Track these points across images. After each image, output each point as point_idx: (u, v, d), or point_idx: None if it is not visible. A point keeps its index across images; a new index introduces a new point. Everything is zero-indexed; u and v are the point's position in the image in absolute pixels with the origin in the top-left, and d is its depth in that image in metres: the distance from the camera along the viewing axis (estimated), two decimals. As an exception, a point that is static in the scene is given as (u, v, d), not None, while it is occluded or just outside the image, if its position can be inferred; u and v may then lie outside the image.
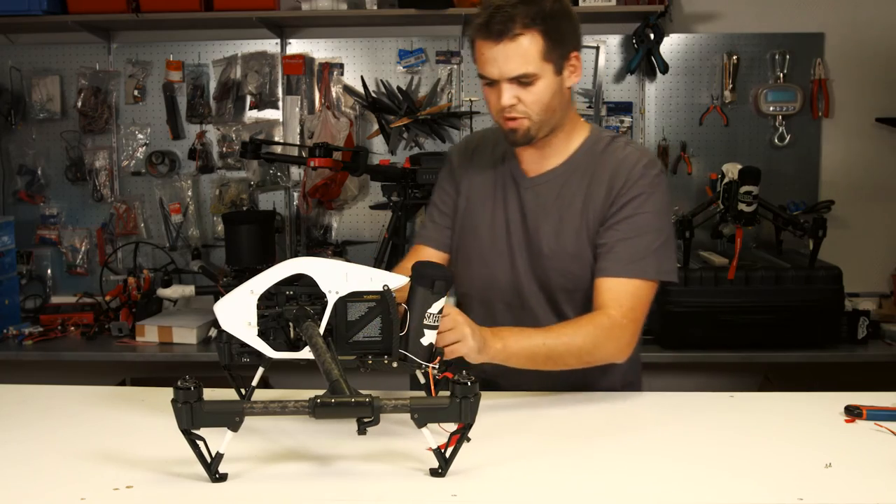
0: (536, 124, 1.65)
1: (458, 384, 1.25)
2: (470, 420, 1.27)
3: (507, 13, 1.57)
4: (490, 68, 1.60)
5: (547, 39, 1.59)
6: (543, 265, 1.73)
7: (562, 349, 1.60)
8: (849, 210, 3.49)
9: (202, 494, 1.26)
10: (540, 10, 1.58)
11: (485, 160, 1.83)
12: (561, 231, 1.72)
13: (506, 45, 1.58)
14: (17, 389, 1.77)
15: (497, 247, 1.78)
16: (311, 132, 3.51)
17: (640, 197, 1.67)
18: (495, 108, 1.65)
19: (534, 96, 1.62)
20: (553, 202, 1.73)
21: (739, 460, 1.37)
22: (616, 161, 1.70)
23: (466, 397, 1.25)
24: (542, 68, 1.60)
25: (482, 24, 1.59)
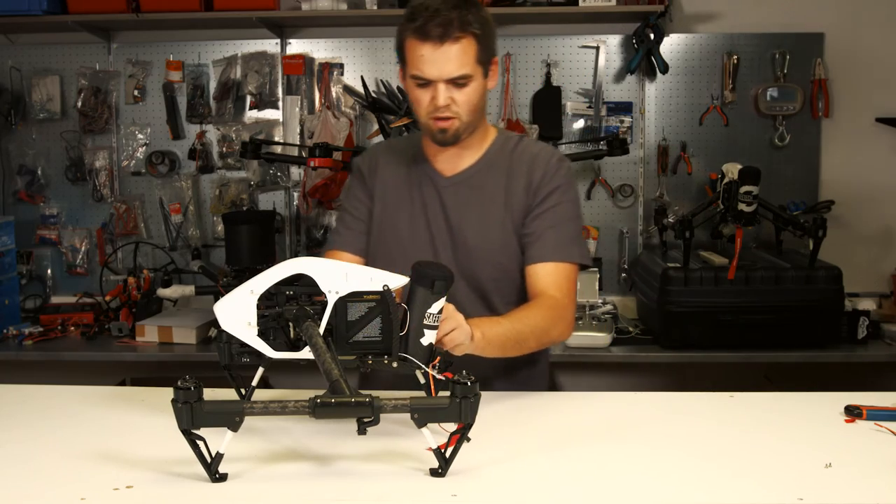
0: (465, 124, 1.73)
1: (458, 384, 1.26)
2: (470, 420, 1.27)
3: (445, 17, 1.65)
4: (429, 69, 1.67)
5: (479, 44, 1.69)
6: (470, 259, 1.80)
7: (526, 332, 1.68)
8: (849, 210, 3.49)
9: (202, 494, 1.26)
10: (473, 16, 1.68)
11: (395, 166, 1.88)
12: (485, 224, 1.80)
13: (447, 48, 1.66)
14: (17, 389, 1.77)
15: (419, 245, 1.82)
16: (311, 132, 3.51)
17: (559, 188, 1.80)
18: (426, 108, 1.71)
19: (465, 97, 1.70)
20: (474, 198, 1.81)
21: (739, 460, 1.37)
22: (531, 156, 1.83)
23: (466, 397, 1.26)
24: (475, 70, 1.70)
25: (420, 27, 1.66)
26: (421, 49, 1.67)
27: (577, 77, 3.51)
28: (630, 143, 3.44)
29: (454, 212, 1.81)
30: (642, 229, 3.57)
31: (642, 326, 3.24)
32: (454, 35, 1.65)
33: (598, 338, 3.02)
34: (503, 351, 1.66)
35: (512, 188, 1.81)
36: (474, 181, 1.83)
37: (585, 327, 3.05)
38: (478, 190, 1.82)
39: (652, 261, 3.24)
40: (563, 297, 1.75)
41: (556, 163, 1.82)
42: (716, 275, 2.98)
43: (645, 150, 3.53)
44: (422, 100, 1.72)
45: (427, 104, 1.71)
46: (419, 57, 1.67)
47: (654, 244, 3.53)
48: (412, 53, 1.69)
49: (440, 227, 1.82)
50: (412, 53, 1.69)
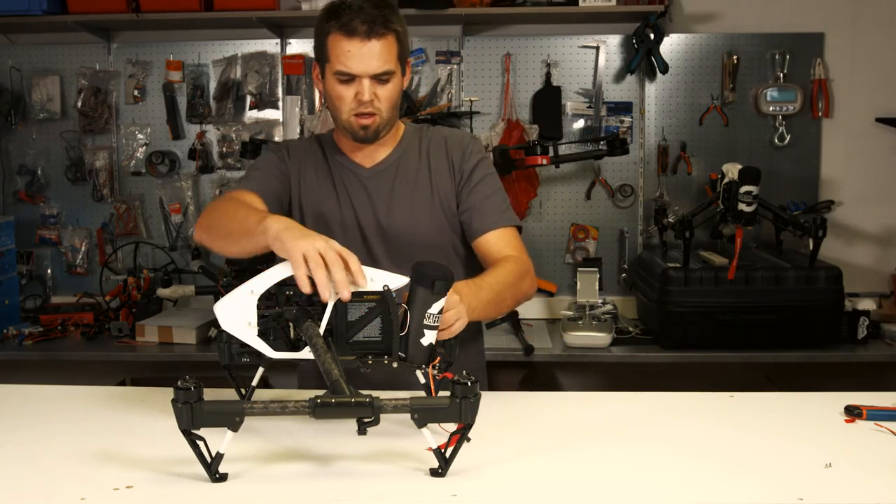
0: (385, 121, 1.79)
1: (458, 384, 1.26)
2: (470, 420, 1.27)
3: (369, 14, 1.71)
4: (355, 64, 1.72)
5: (399, 43, 1.76)
6: (402, 243, 1.84)
7: (503, 290, 1.71)
8: (849, 210, 3.49)
9: (202, 494, 1.26)
10: (389, 12, 1.75)
11: (313, 158, 1.91)
12: (413, 208, 1.85)
13: (373, 44, 1.71)
14: (17, 389, 1.77)
15: (350, 234, 1.84)
16: (311, 132, 3.51)
17: (481, 162, 1.88)
18: (349, 104, 1.75)
19: (387, 93, 1.76)
20: (399, 184, 1.87)
21: (739, 460, 1.37)
22: (443, 138, 1.91)
23: (466, 397, 1.26)
24: (396, 67, 1.76)
25: (345, 24, 1.71)
26: (347, 45, 1.71)
27: (577, 77, 3.51)
28: (630, 143, 3.44)
29: (380, 199, 1.86)
30: (642, 229, 3.57)
31: (642, 326, 3.24)
32: (379, 31, 1.71)
33: (598, 338, 3.02)
34: (485, 314, 1.70)
35: (435, 171, 1.87)
36: (394, 168, 1.88)
37: (585, 327, 3.05)
38: (401, 177, 1.87)
39: (652, 261, 3.24)
40: (522, 255, 1.82)
41: (469, 140, 1.91)
42: (716, 275, 2.98)
43: (645, 150, 3.53)
44: (345, 96, 1.75)
45: (350, 100, 1.75)
46: (345, 52, 1.71)
47: (654, 244, 3.53)
48: (337, 49, 1.72)
49: (367, 214, 1.85)
50: (337, 49, 1.72)
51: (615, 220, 3.57)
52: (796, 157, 3.50)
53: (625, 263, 3.55)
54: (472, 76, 3.51)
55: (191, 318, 3.23)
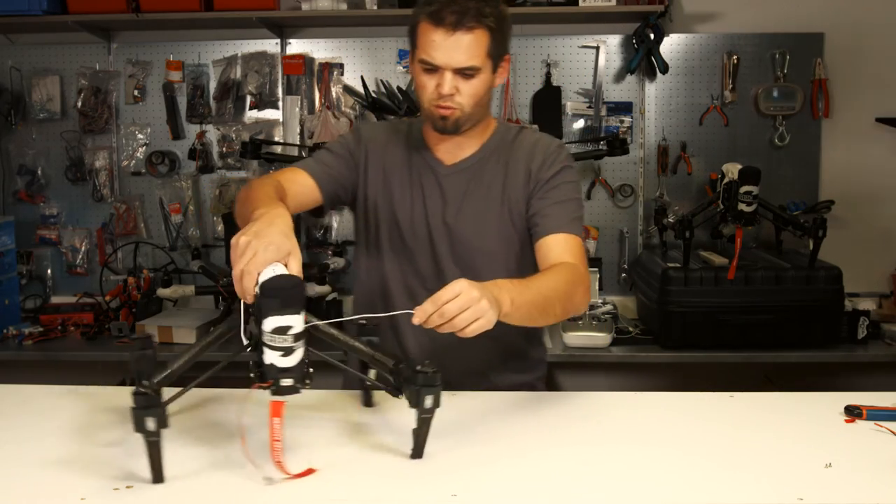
0: (466, 115, 1.72)
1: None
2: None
3: (462, 5, 1.64)
4: (438, 55, 1.65)
5: (492, 38, 1.68)
6: (467, 249, 1.80)
7: (552, 295, 1.61)
8: (849, 210, 3.49)
9: (202, 494, 1.26)
10: (491, 9, 1.67)
11: (396, 147, 1.87)
12: (484, 213, 1.80)
13: (459, 36, 1.64)
14: (17, 389, 1.77)
15: (418, 235, 1.82)
16: (311, 132, 3.51)
17: (561, 171, 1.79)
18: (430, 94, 1.70)
19: (471, 89, 1.69)
20: (473, 187, 1.81)
21: (739, 460, 1.37)
22: (530, 144, 1.83)
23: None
24: (484, 64, 1.68)
25: (435, 12, 1.64)
26: (433, 34, 1.65)
27: (577, 77, 3.51)
28: (630, 143, 3.44)
29: (452, 201, 1.81)
30: (642, 229, 3.57)
31: (642, 326, 3.24)
32: (468, 24, 1.64)
33: (598, 338, 3.02)
34: (530, 318, 1.57)
35: (511, 178, 1.81)
36: (474, 170, 1.83)
37: (585, 327, 3.05)
38: (477, 179, 1.82)
39: (652, 261, 3.24)
40: (580, 265, 1.72)
41: (555, 148, 1.83)
42: (716, 275, 2.98)
43: (645, 150, 3.53)
44: (427, 85, 1.70)
45: (431, 90, 1.70)
46: (430, 42, 1.66)
47: (654, 244, 3.53)
48: (423, 37, 1.67)
49: (437, 214, 1.81)
50: (423, 37, 1.67)
51: (615, 220, 3.57)
52: (796, 157, 3.50)
53: (625, 263, 3.55)
54: (472, 76, 3.51)
55: (191, 318, 3.23)
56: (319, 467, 1.34)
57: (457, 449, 1.42)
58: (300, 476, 1.30)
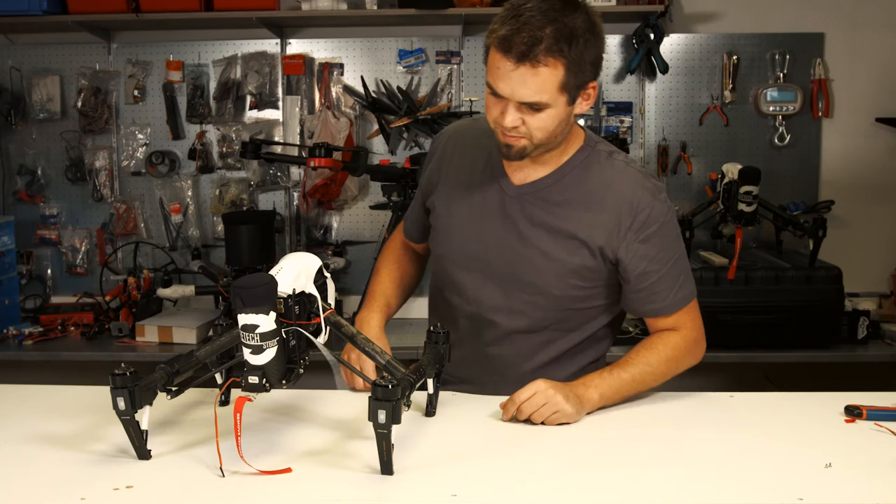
0: (535, 146, 1.57)
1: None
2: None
3: (533, 34, 1.44)
4: (502, 86, 1.49)
5: (568, 71, 1.48)
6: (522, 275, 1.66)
7: (648, 379, 1.64)
8: (849, 210, 3.49)
9: (202, 494, 1.26)
10: (569, 32, 1.46)
11: (472, 153, 1.73)
12: (552, 243, 1.64)
13: (525, 70, 1.46)
14: (17, 389, 1.77)
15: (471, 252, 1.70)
16: (311, 132, 3.51)
17: (661, 230, 1.62)
18: (494, 118, 1.55)
19: (539, 123, 1.52)
20: (541, 213, 1.64)
21: (739, 460, 1.37)
22: (621, 187, 1.62)
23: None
24: (556, 99, 1.50)
25: (505, 38, 1.46)
26: (498, 62, 1.48)
27: (577, 77, 3.51)
28: (630, 143, 3.44)
29: (512, 227, 1.66)
30: (642, 229, 3.56)
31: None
32: (537, 58, 1.45)
33: (598, 338, 3.01)
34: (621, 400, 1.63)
35: (593, 220, 1.62)
36: (546, 197, 1.65)
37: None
38: (547, 209, 1.64)
39: (652, 261, 3.23)
40: (690, 332, 1.70)
41: (650, 197, 1.61)
42: (716, 275, 2.98)
43: (645, 150, 3.53)
44: (492, 109, 1.55)
45: (496, 115, 1.54)
46: (495, 69, 1.49)
47: (654, 244, 3.52)
48: (491, 61, 1.50)
49: (495, 239, 1.67)
50: (491, 61, 1.50)
51: (615, 220, 3.56)
52: (796, 157, 3.51)
53: (625, 263, 3.54)
54: (472, 76, 3.51)
55: (191, 318, 3.23)
56: (319, 467, 1.34)
57: (457, 449, 1.42)
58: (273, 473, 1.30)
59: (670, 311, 1.68)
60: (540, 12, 1.46)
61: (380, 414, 1.25)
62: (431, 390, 1.54)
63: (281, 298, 1.33)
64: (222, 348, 1.46)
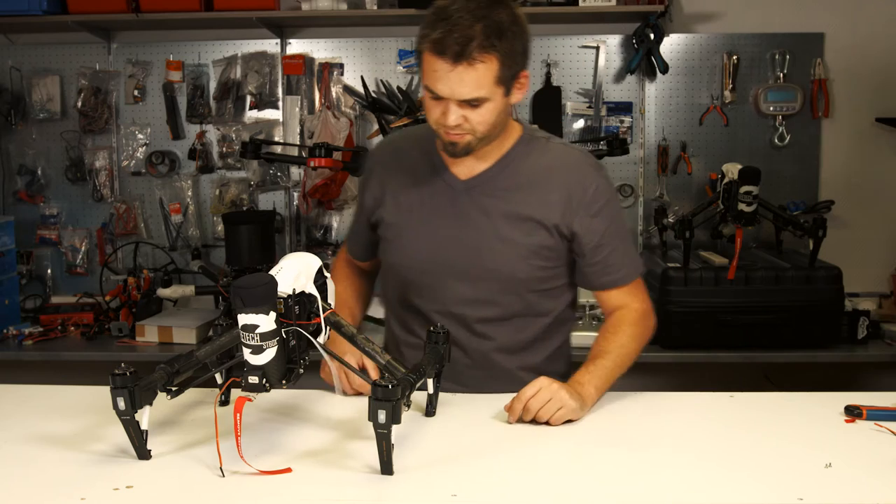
0: (479, 139, 1.63)
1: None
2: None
3: (466, 33, 1.50)
4: (441, 87, 1.55)
5: (502, 64, 1.55)
6: (485, 270, 1.71)
7: (626, 361, 1.72)
8: (849, 210, 3.49)
9: (202, 494, 1.26)
10: (497, 27, 1.53)
11: (411, 162, 1.78)
12: (505, 233, 1.69)
13: (462, 69, 1.52)
14: (17, 389, 1.77)
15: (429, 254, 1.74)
16: (311, 132, 3.51)
17: (608, 204, 1.72)
18: (436, 119, 1.60)
19: (480, 117, 1.59)
20: (493, 202, 1.71)
21: (739, 460, 1.37)
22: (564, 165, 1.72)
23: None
24: (493, 92, 1.57)
25: (437, 40, 1.52)
26: (435, 64, 1.54)
27: (577, 77, 3.51)
28: (630, 143, 3.44)
29: (468, 219, 1.71)
30: (642, 229, 3.57)
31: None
32: (472, 56, 1.51)
33: (598, 338, 3.01)
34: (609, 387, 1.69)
35: (545, 200, 1.69)
36: (494, 186, 1.71)
37: (585, 327, 3.05)
38: (500, 196, 1.70)
39: (652, 261, 3.24)
40: (641, 303, 1.79)
41: (595, 174, 1.72)
42: (716, 275, 2.98)
43: (645, 150, 3.53)
44: (433, 111, 1.60)
45: (438, 116, 1.60)
46: (433, 72, 1.54)
47: (654, 244, 3.53)
48: (426, 64, 1.56)
49: (452, 235, 1.72)
50: (426, 64, 1.56)
51: (615, 220, 3.56)
52: (796, 157, 3.50)
53: (625, 263, 3.54)
54: (472, 76, 3.51)
55: (191, 318, 3.23)
56: (319, 467, 1.34)
57: (457, 449, 1.42)
58: (273, 473, 1.30)
59: (625, 281, 1.76)
60: (467, 11, 1.52)
61: (380, 414, 1.25)
62: (431, 390, 1.54)
63: (281, 298, 1.33)
64: (222, 348, 1.46)
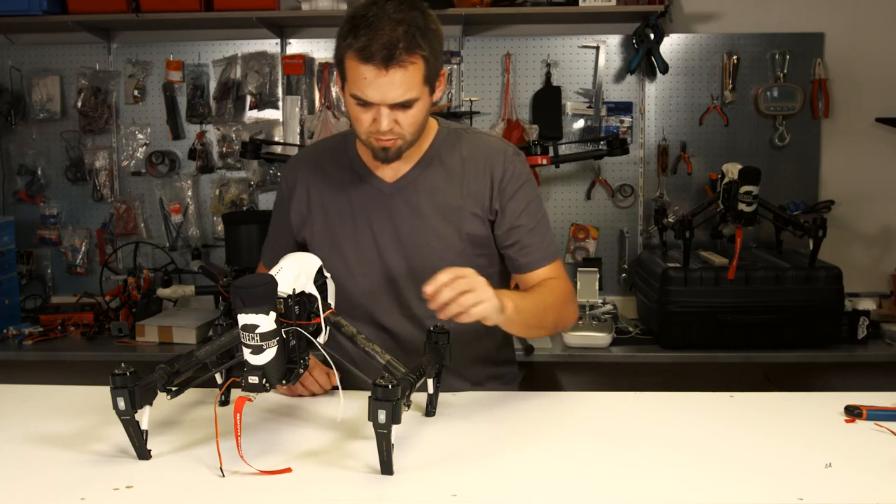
0: (409, 142, 1.64)
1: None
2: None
3: (389, 37, 1.50)
4: (372, 93, 1.54)
5: (427, 63, 1.56)
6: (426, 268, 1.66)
7: (548, 309, 1.68)
8: (849, 210, 3.49)
9: (202, 494, 1.26)
10: (417, 28, 1.53)
11: (330, 175, 1.77)
12: (441, 229, 1.72)
13: (392, 74, 1.52)
14: (17, 389, 1.77)
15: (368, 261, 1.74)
16: (311, 132, 3.51)
17: (524, 186, 1.73)
18: (367, 128, 1.60)
19: (411, 118, 1.60)
20: (424, 200, 1.72)
21: (739, 460, 1.37)
22: (483, 151, 1.74)
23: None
24: (422, 92, 1.58)
25: (363, 48, 1.51)
26: (363, 71, 1.52)
27: (577, 77, 3.51)
28: (630, 143, 3.44)
29: (402, 219, 1.73)
30: (642, 229, 3.57)
31: (642, 326, 3.24)
32: (400, 59, 1.51)
33: (598, 338, 3.02)
34: (527, 328, 1.65)
35: (470, 190, 1.72)
36: (422, 183, 1.73)
37: (585, 327, 3.05)
38: (427, 192, 1.73)
39: (652, 261, 3.24)
40: (567, 283, 1.77)
41: (512, 158, 1.74)
42: (716, 275, 2.98)
43: (645, 150, 3.53)
44: (362, 119, 1.59)
45: (368, 124, 1.59)
46: (361, 79, 1.53)
47: (654, 244, 3.53)
48: (353, 73, 1.54)
49: (386, 236, 1.73)
50: (353, 73, 1.54)
51: (615, 220, 3.57)
52: (796, 157, 3.51)
53: (625, 263, 3.55)
54: (472, 76, 3.51)
55: (191, 318, 3.23)
56: (319, 467, 1.34)
57: (457, 449, 1.42)
58: (273, 473, 1.31)
59: (542, 263, 1.75)
60: (385, 16, 1.52)
61: (380, 414, 1.25)
62: (431, 390, 1.54)
63: (281, 298, 1.33)
64: (222, 348, 1.46)
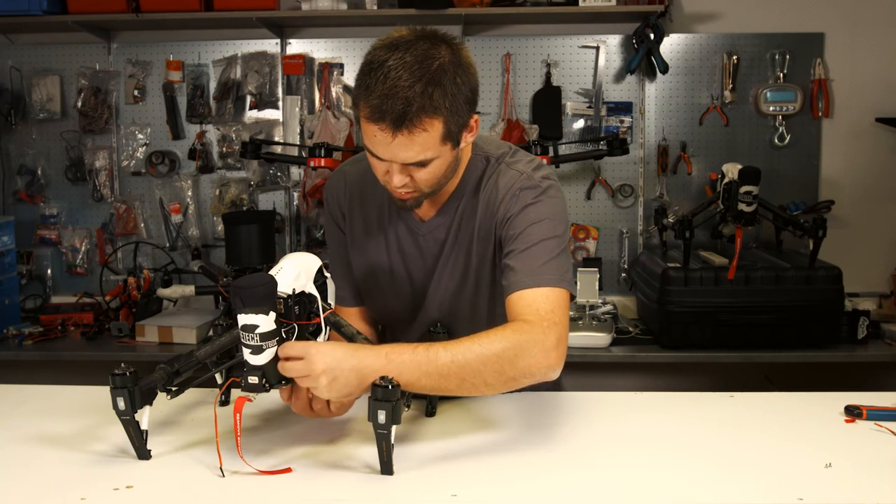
0: (427, 193, 1.53)
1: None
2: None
3: (405, 97, 1.35)
4: (382, 151, 1.43)
5: (447, 122, 1.41)
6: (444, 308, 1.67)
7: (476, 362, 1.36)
8: (849, 210, 3.49)
9: (202, 494, 1.26)
10: (438, 81, 1.37)
11: (368, 201, 1.69)
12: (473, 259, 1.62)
13: (403, 136, 1.38)
14: (17, 389, 1.77)
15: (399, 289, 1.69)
16: (311, 132, 3.51)
17: (526, 210, 1.54)
18: (382, 178, 1.51)
19: (427, 175, 1.47)
20: (449, 241, 1.64)
21: (739, 460, 1.37)
22: (500, 187, 1.58)
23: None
24: (439, 151, 1.44)
25: (375, 107, 1.37)
26: (374, 131, 1.40)
27: (577, 77, 3.51)
28: (630, 143, 3.44)
29: (431, 257, 1.66)
30: (642, 229, 3.57)
31: (642, 326, 3.24)
32: (412, 122, 1.37)
33: (598, 338, 3.02)
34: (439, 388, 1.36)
35: (481, 228, 1.61)
36: (451, 222, 1.64)
37: (585, 327, 3.05)
38: (453, 232, 1.64)
39: (652, 261, 3.24)
40: (540, 320, 1.43)
41: (523, 181, 1.56)
42: (716, 275, 2.98)
43: (645, 150, 3.53)
44: (377, 168, 1.49)
45: (382, 175, 1.50)
46: (372, 136, 1.41)
47: (654, 244, 3.53)
48: (364, 125, 1.42)
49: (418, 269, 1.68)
50: (364, 125, 1.42)
51: (615, 220, 3.57)
52: (796, 157, 3.51)
53: (625, 263, 3.55)
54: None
55: (191, 318, 3.23)
56: (319, 467, 1.34)
57: (457, 449, 1.42)
58: (273, 473, 1.31)
59: (518, 286, 1.48)
60: (404, 67, 1.37)
61: (380, 414, 1.25)
62: None
63: (281, 298, 1.33)
64: (222, 348, 1.46)
